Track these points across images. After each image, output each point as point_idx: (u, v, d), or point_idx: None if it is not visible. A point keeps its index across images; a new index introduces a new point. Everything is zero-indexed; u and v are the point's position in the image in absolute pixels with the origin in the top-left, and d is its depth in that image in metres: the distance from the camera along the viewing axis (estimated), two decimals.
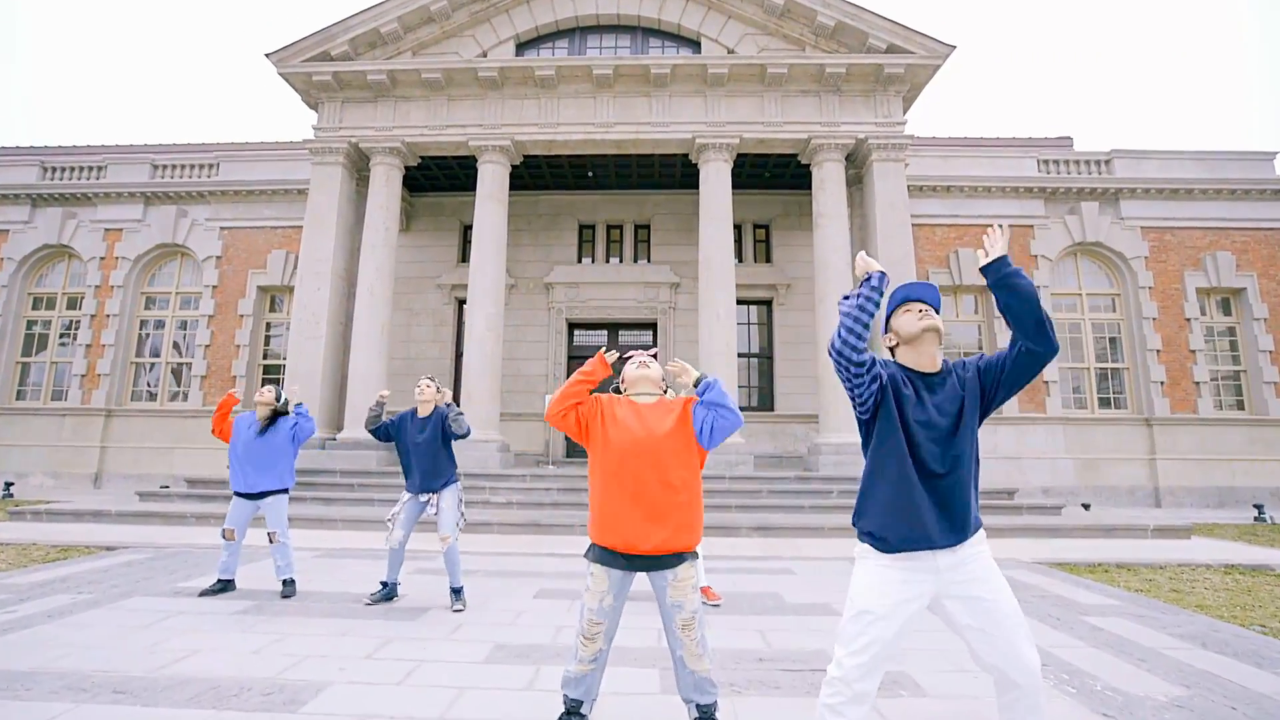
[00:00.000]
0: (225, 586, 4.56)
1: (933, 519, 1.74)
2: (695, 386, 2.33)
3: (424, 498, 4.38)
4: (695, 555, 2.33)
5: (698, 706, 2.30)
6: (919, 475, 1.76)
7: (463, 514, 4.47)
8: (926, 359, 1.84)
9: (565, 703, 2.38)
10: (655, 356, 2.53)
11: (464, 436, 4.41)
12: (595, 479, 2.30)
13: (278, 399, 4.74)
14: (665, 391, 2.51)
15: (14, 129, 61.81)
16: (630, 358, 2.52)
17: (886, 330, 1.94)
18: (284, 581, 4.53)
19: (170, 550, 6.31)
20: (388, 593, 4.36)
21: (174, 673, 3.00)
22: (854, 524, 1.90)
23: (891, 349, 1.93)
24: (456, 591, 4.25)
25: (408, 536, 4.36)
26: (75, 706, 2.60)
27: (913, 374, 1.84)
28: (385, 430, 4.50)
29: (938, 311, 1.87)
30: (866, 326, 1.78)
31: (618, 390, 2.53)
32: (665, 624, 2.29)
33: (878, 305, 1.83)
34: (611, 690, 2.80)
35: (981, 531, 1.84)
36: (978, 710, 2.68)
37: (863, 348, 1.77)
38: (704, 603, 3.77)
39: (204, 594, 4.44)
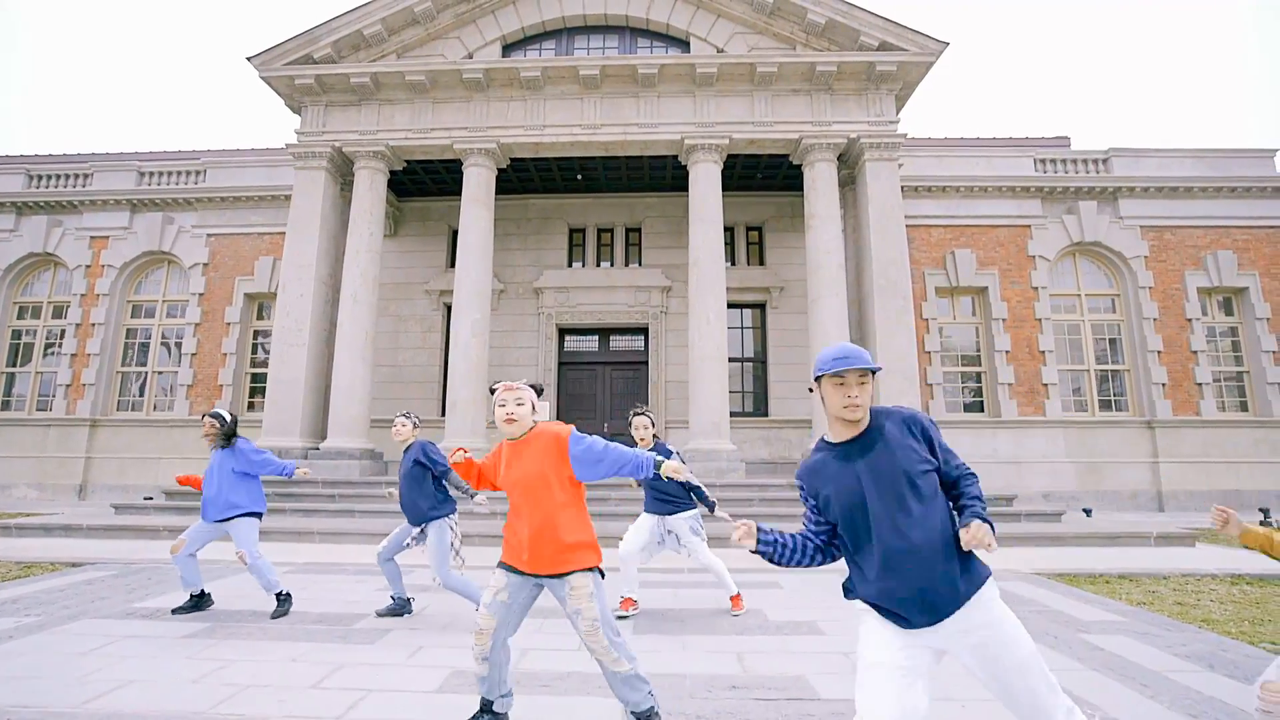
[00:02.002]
0: (198, 603, 4.37)
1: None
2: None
3: (414, 530, 4.34)
4: (595, 570, 2.47)
5: (631, 713, 2.39)
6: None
7: (456, 549, 4.28)
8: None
9: (481, 701, 2.57)
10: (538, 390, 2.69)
11: (449, 482, 4.36)
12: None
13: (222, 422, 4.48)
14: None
15: None
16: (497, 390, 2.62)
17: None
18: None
19: (137, 566, 6.10)
20: (394, 607, 4.35)
21: (100, 706, 2.78)
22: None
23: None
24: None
25: (392, 553, 4.32)
26: None
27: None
28: None
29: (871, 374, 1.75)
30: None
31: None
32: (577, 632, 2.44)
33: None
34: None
35: (986, 587, 1.69)
36: None
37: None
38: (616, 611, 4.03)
39: (176, 611, 4.27)
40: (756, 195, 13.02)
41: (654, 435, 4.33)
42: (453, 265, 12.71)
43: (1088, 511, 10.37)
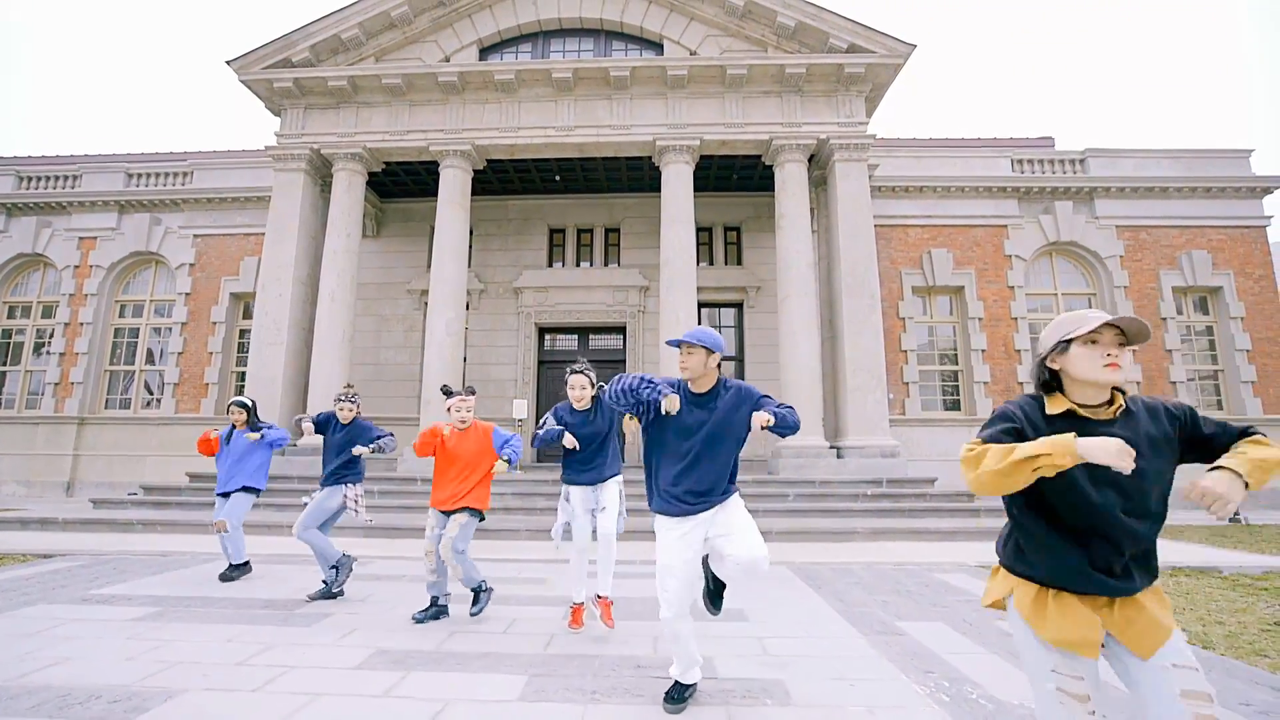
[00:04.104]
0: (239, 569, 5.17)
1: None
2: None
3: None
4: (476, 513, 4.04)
5: (473, 593, 4.06)
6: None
7: (358, 511, 4.87)
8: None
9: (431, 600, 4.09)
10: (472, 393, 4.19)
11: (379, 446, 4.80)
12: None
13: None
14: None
15: None
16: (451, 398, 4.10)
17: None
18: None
19: (106, 557, 6.26)
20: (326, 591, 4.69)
21: (30, 682, 2.94)
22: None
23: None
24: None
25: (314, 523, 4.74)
26: None
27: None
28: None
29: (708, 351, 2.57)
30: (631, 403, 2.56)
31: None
32: None
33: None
34: (470, 697, 2.76)
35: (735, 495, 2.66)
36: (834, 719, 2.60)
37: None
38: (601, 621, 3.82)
39: (222, 578, 5.05)
40: (735, 196, 13.17)
41: (593, 397, 3.82)
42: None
43: None
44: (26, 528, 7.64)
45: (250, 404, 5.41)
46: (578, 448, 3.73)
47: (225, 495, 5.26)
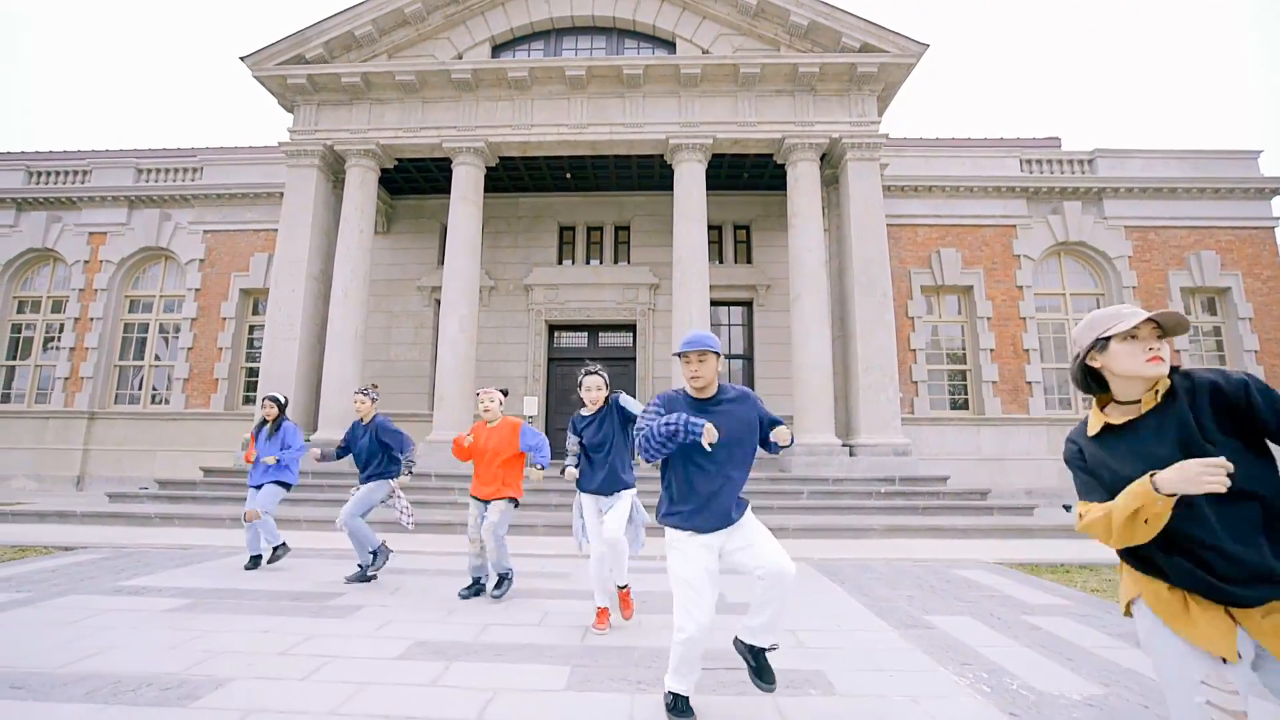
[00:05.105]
0: (255, 562, 5.35)
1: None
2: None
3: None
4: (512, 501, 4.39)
5: (497, 577, 4.49)
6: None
7: (401, 508, 5.09)
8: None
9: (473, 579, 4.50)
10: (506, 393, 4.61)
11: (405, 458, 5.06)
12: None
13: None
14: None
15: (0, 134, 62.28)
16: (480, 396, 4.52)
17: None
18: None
19: (127, 550, 6.29)
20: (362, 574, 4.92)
21: (79, 669, 2.97)
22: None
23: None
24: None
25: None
26: None
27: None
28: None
29: (716, 355, 2.52)
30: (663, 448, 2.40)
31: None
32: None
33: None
34: (518, 687, 2.79)
35: (748, 511, 2.55)
36: (879, 709, 2.63)
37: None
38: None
39: (247, 567, 5.28)
40: (744, 194, 13.19)
41: (606, 399, 3.75)
42: (444, 262, 12.90)
43: (1067, 507, 10.52)
44: (45, 520, 7.66)
45: (283, 400, 5.54)
46: (578, 477, 3.84)
47: (258, 487, 5.38)
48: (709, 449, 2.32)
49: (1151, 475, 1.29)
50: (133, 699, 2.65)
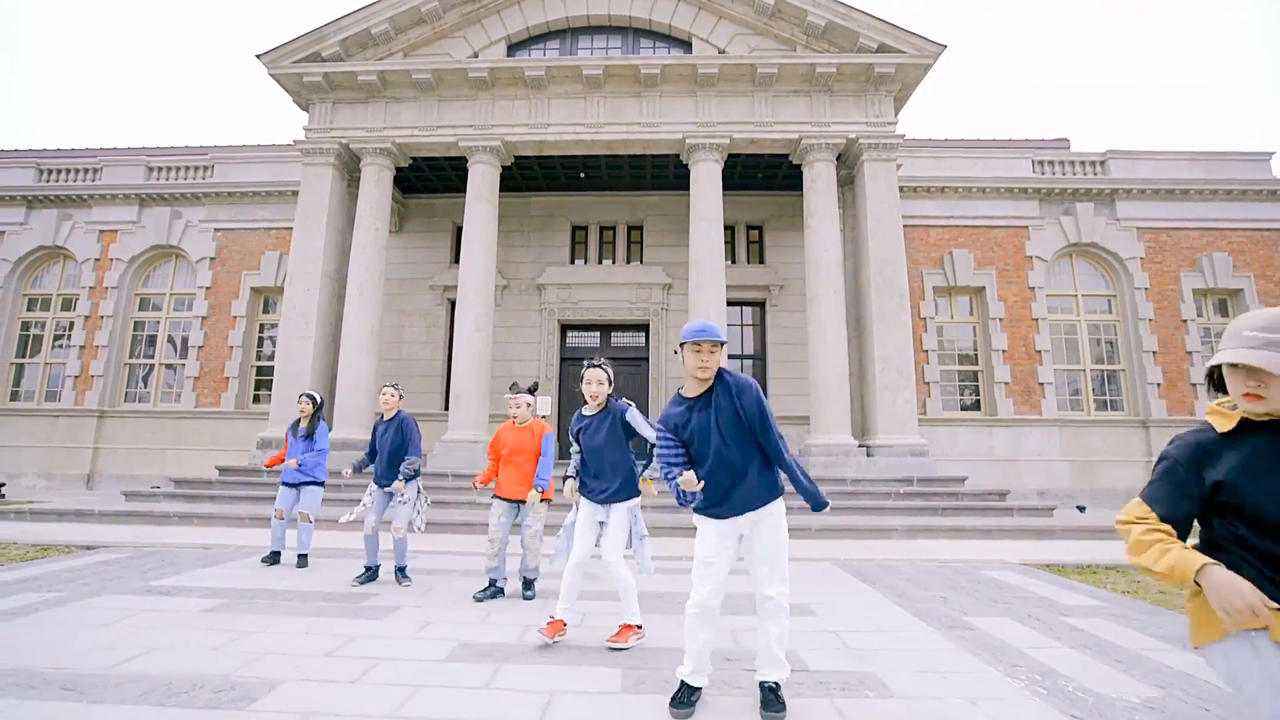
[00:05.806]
0: (275, 558, 5.44)
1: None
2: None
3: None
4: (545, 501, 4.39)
5: (524, 579, 4.44)
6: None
7: (420, 511, 5.02)
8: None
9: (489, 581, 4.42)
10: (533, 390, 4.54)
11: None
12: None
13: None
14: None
15: (10, 132, 62.28)
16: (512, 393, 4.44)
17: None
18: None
19: (149, 549, 6.27)
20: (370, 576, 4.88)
21: (127, 670, 2.94)
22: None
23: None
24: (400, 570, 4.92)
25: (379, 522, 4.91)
26: (20, 703, 2.55)
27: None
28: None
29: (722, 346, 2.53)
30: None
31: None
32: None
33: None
34: (573, 689, 2.77)
35: (777, 502, 2.61)
36: (940, 711, 2.61)
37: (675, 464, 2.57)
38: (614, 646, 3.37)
39: (266, 561, 5.37)
40: (757, 194, 13.17)
41: (609, 395, 3.60)
42: (457, 261, 12.88)
43: (1081, 509, 10.52)
44: (62, 519, 7.64)
45: (319, 400, 5.57)
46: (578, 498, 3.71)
47: (290, 485, 5.40)
48: (698, 493, 2.50)
49: (1207, 566, 1.22)
50: (187, 700, 2.62)
